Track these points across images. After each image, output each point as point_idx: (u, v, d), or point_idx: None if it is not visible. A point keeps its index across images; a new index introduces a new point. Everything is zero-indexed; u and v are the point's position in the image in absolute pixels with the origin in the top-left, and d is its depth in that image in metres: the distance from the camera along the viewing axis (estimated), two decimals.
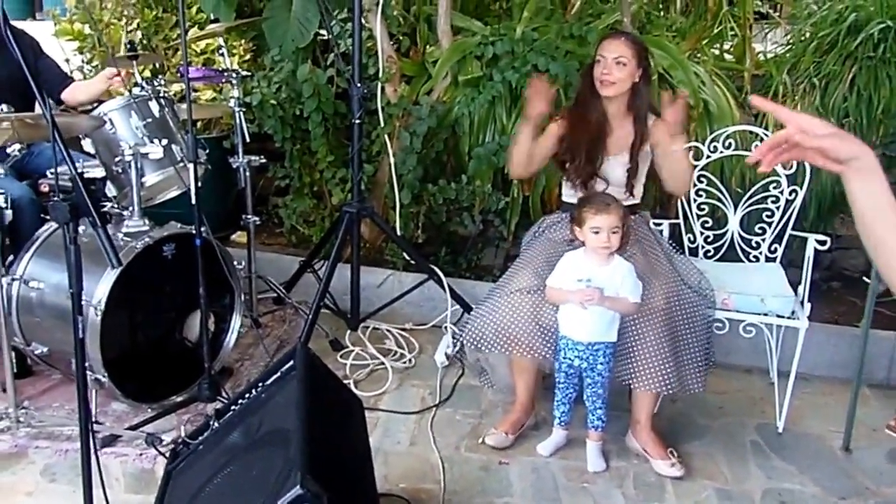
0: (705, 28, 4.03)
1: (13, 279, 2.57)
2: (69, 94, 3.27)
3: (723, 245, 3.09)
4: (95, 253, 1.91)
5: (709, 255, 3.09)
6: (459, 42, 3.61)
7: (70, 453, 2.44)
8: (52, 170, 2.91)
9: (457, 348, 3.12)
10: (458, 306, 3.27)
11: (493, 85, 3.45)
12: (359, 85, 3.09)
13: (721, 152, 3.05)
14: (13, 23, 3.17)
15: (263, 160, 3.35)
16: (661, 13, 4.19)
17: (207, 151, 2.89)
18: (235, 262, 2.89)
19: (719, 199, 3.07)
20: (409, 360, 3.19)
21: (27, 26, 3.52)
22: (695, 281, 2.68)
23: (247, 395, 2.14)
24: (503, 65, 3.45)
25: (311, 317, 3.00)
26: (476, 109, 3.46)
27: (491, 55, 3.49)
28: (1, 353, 2.57)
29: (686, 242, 3.09)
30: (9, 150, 2.49)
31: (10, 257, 2.61)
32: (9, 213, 2.53)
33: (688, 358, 2.49)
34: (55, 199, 1.65)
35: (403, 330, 3.40)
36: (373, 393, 2.93)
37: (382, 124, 3.54)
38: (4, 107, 2.46)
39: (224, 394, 2.68)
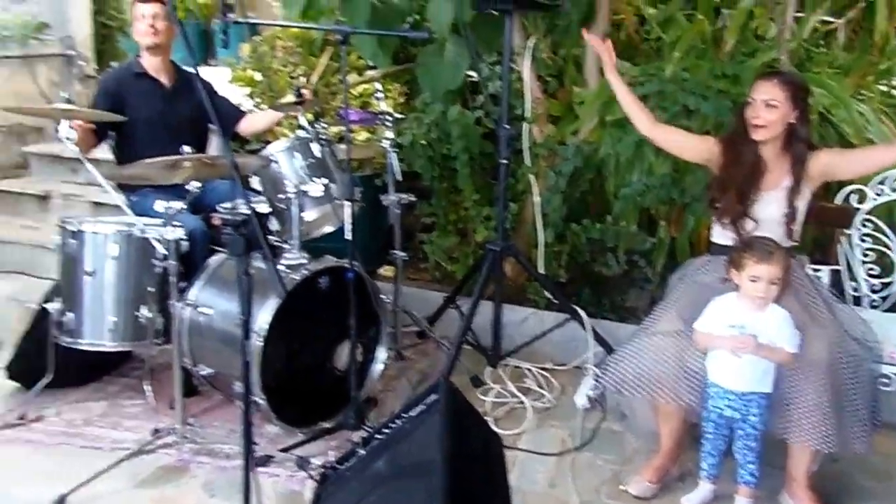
0: (871, 64, 3.83)
1: (186, 304, 2.78)
2: (244, 125, 3.54)
3: (890, 294, 2.89)
4: (258, 283, 2.06)
5: (874, 304, 2.91)
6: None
7: (228, 470, 2.59)
8: (223, 204, 3.16)
9: (598, 391, 3.08)
10: (600, 348, 3.23)
11: None
12: (506, 126, 3.16)
13: (889, 195, 2.87)
14: (188, 68, 3.51)
15: (412, 198, 3.48)
16: (822, 49, 4.02)
17: (361, 190, 3.04)
18: (382, 296, 3.00)
19: (886, 245, 2.89)
20: (549, 401, 3.17)
21: (201, 71, 3.83)
22: (859, 332, 2.53)
23: (391, 425, 2.20)
24: (652, 105, 3.42)
25: (453, 352, 3.06)
26: (623, 150, 3.44)
27: (639, 96, 3.46)
28: (172, 372, 2.78)
29: (849, 290, 2.92)
30: (188, 187, 2.71)
31: (183, 284, 2.84)
32: (185, 244, 2.75)
33: (851, 414, 2.34)
34: (232, 233, 1.78)
35: (544, 369, 3.39)
36: (512, 431, 2.93)
37: (528, 164, 3.59)
38: (187, 148, 2.69)
39: (368, 422, 2.76)
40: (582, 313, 3.28)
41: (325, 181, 2.90)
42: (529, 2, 2.98)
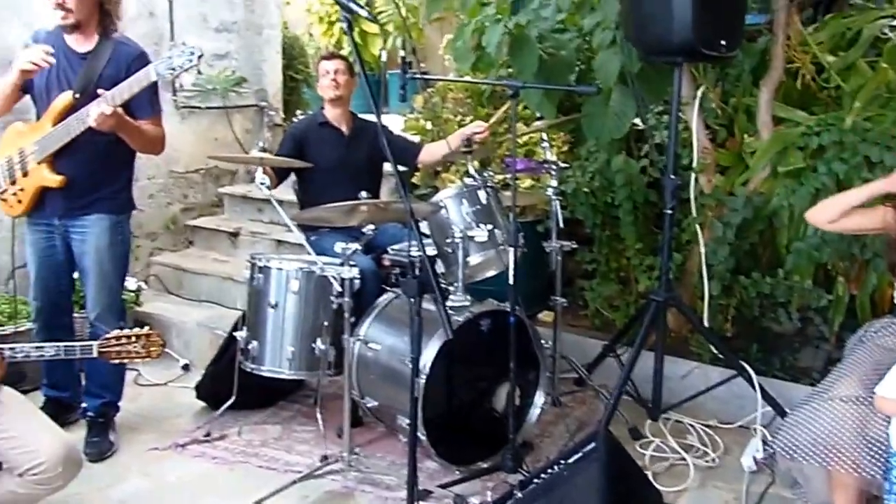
0: None
1: (356, 339, 2.96)
2: (424, 157, 3.75)
3: None
4: (424, 322, 2.18)
5: None
6: (781, 133, 3.51)
7: (389, 501, 2.71)
8: (393, 247, 3.35)
9: (767, 454, 2.94)
10: (769, 408, 3.09)
11: (817, 177, 3.28)
12: (673, 176, 3.14)
13: None
14: (362, 116, 3.77)
15: (574, 245, 3.52)
16: None
17: (523, 235, 3.12)
18: (542, 341, 3.04)
19: None
20: (713, 460, 3.07)
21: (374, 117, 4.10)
22: None
23: (548, 471, 2.23)
24: (830, 156, 3.28)
25: (612, 402, 3.04)
26: (798, 202, 3.31)
27: (816, 146, 3.34)
28: (340, 402, 2.95)
29: None
30: (364, 230, 2.90)
31: (353, 319, 3.02)
32: (357, 282, 2.93)
33: None
34: (407, 275, 1.90)
35: (707, 426, 3.28)
36: (672, 489, 2.86)
37: (694, 214, 3.54)
38: (364, 193, 2.89)
39: (525, 466, 2.80)
40: (750, 370, 3.16)
41: (490, 227, 3.01)
42: (700, 53, 2.97)
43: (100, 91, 2.77)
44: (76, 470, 2.20)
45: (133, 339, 2.20)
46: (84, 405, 3.18)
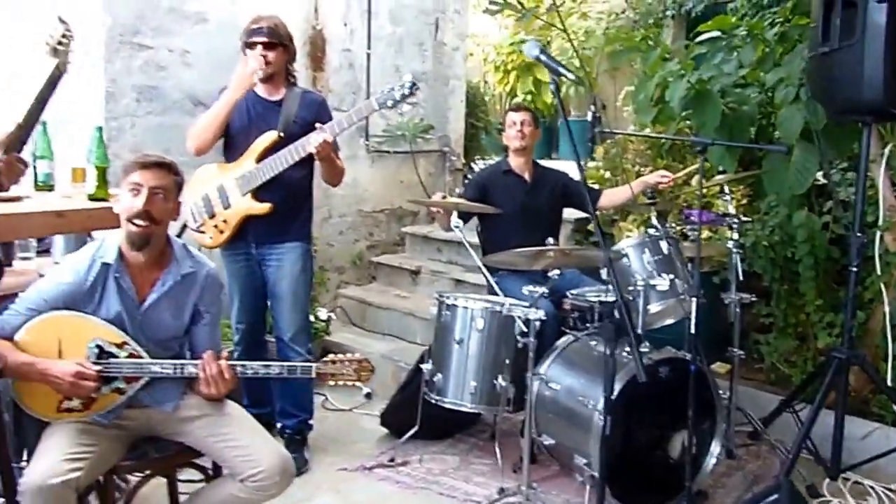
0: None
1: (538, 378, 3.12)
2: (604, 202, 3.89)
3: None
4: (600, 364, 2.30)
5: None
6: None
7: None
8: (572, 291, 3.50)
9: None
10: None
11: None
12: (859, 234, 3.11)
13: None
14: (543, 164, 3.96)
15: (752, 298, 3.52)
16: None
17: (701, 286, 3.18)
18: (720, 392, 3.08)
19: None
20: None
21: (549, 164, 4.27)
22: None
23: None
24: None
25: (792, 456, 3.02)
26: None
27: None
28: (514, 438, 3.11)
29: None
30: (549, 274, 3.08)
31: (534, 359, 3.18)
32: (537, 324, 3.11)
33: None
34: (604, 320, 2.05)
35: (889, 490, 3.18)
36: None
37: (879, 272, 3.46)
38: (551, 240, 3.09)
39: None
40: None
41: (672, 277, 3.11)
42: (890, 113, 2.95)
43: (317, 125, 3.13)
44: (290, 481, 2.42)
45: (347, 363, 2.44)
46: (280, 423, 3.50)
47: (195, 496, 2.44)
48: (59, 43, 1.89)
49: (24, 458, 2.38)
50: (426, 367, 3.38)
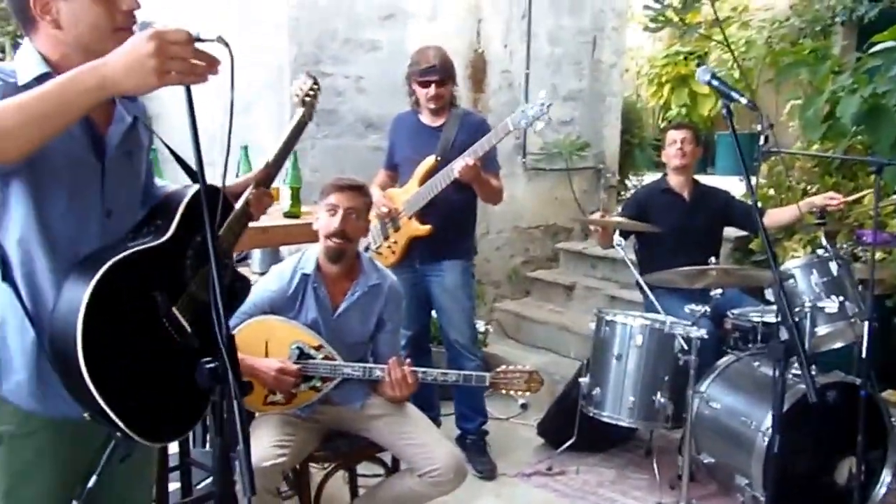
0: None
1: (698, 396, 3.14)
2: (767, 221, 3.75)
3: None
4: (764, 386, 2.29)
5: None
6: None
7: None
8: (733, 311, 3.48)
9: None
10: None
11: None
12: None
13: None
14: (703, 182, 3.94)
15: None
16: None
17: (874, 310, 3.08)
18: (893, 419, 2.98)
19: None
20: None
21: (707, 180, 4.24)
22: None
23: None
24: None
25: None
26: None
27: None
28: (670, 455, 3.13)
29: None
30: (711, 293, 3.10)
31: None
32: (698, 342, 3.12)
33: None
34: (772, 341, 2.08)
35: None
36: None
37: None
38: (713, 259, 3.10)
39: None
40: None
41: (841, 299, 3.04)
42: None
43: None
44: (462, 480, 2.59)
45: (519, 374, 2.59)
46: (460, 429, 3.68)
47: (376, 487, 2.67)
48: (307, 95, 2.12)
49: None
50: (584, 380, 3.46)
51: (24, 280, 1.51)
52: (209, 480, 2.80)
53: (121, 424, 1.47)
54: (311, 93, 2.12)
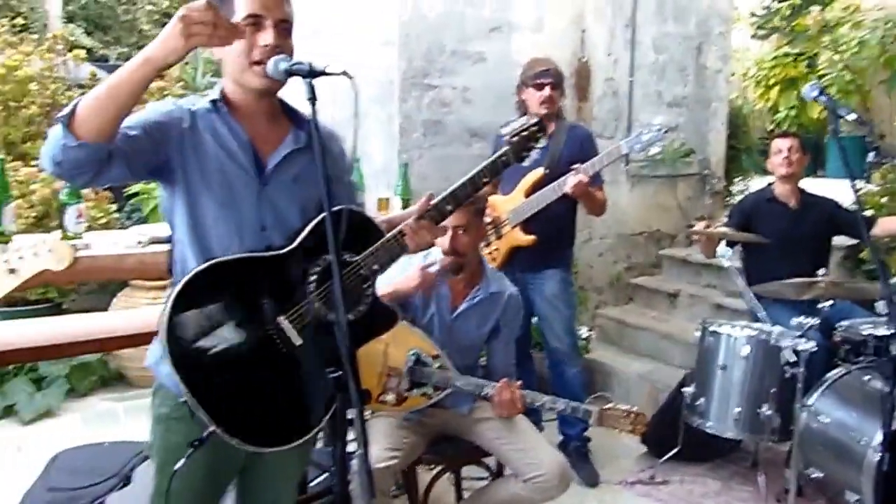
0: None
1: (806, 409, 3.11)
2: (877, 231, 3.71)
3: None
4: (873, 399, 2.25)
5: None
6: None
7: None
8: (842, 323, 3.41)
9: None
10: None
11: None
12: None
13: None
14: (810, 191, 3.86)
15: None
16: None
17: None
18: None
19: None
20: None
21: (809, 182, 4.14)
22: None
23: None
24: None
25: None
26: None
27: None
28: (776, 468, 3.11)
29: None
30: (820, 305, 3.06)
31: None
32: (807, 354, 3.09)
33: None
34: (883, 356, 2.06)
35: None
36: None
37: None
38: (823, 270, 3.07)
39: None
40: None
41: None
42: None
43: (574, 166, 3.37)
44: (567, 486, 2.66)
45: (625, 414, 2.65)
46: (563, 435, 3.75)
47: (481, 491, 2.79)
48: (520, 134, 2.02)
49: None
50: (688, 390, 3.47)
51: (178, 277, 1.74)
52: (322, 478, 2.96)
53: (200, 409, 1.64)
54: (525, 132, 2.01)
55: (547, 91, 3.51)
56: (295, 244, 1.76)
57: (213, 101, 1.77)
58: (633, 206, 5.46)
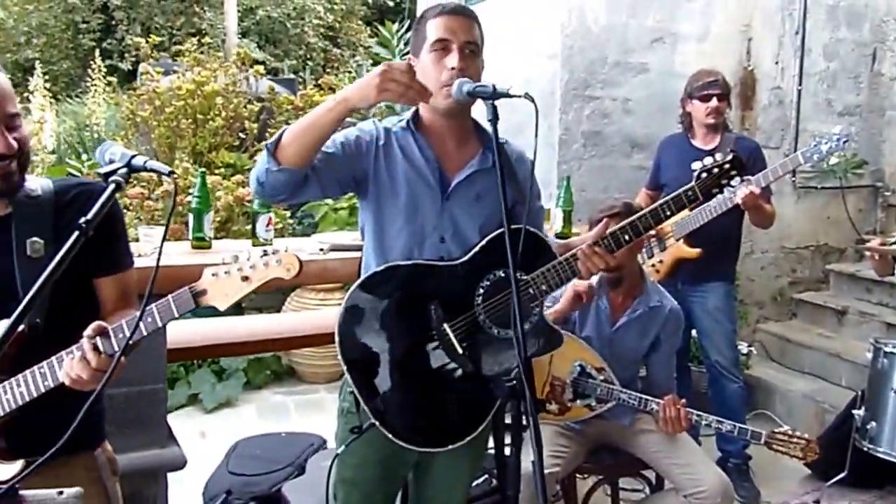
0: None
1: None
2: None
3: None
4: None
5: None
6: None
7: None
8: None
9: None
10: None
11: None
12: None
13: None
14: None
15: None
16: None
17: None
18: None
19: None
20: None
21: None
22: None
23: None
24: None
25: None
26: None
27: None
28: None
29: None
30: None
31: None
32: None
33: None
34: None
35: None
36: None
37: None
38: None
39: None
40: None
41: None
42: None
43: (746, 178, 3.29)
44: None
45: (796, 440, 2.59)
46: (722, 451, 3.70)
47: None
48: (712, 171, 2.01)
49: None
50: (858, 412, 3.33)
51: None
52: (481, 480, 3.07)
53: (361, 400, 1.82)
54: (719, 169, 2.02)
55: (714, 102, 3.49)
56: (467, 257, 1.89)
57: (407, 122, 1.95)
58: (799, 218, 5.25)
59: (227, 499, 2.97)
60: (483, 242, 1.89)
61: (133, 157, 1.48)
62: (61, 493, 1.35)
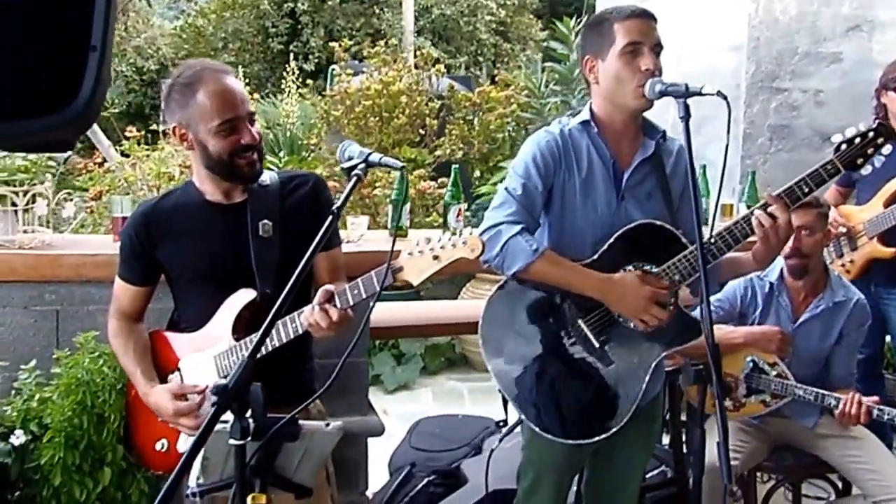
0: None
1: None
2: None
3: None
4: None
5: None
6: None
7: None
8: None
9: None
10: None
11: None
12: None
13: None
14: None
15: None
16: None
17: None
18: None
19: None
20: None
21: None
22: None
23: None
24: None
25: None
26: None
27: None
28: None
29: None
30: None
31: None
32: None
33: None
34: None
35: None
36: None
37: None
38: None
39: None
40: None
41: None
42: None
43: None
44: None
45: None
46: None
47: None
48: (849, 141, 1.94)
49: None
50: None
51: None
52: (656, 472, 3.08)
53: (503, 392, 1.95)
54: (860, 139, 1.95)
55: None
56: (597, 254, 1.97)
57: (585, 122, 2.03)
58: None
59: (412, 471, 3.17)
60: (611, 240, 1.97)
61: (369, 154, 1.70)
62: (328, 424, 1.61)
